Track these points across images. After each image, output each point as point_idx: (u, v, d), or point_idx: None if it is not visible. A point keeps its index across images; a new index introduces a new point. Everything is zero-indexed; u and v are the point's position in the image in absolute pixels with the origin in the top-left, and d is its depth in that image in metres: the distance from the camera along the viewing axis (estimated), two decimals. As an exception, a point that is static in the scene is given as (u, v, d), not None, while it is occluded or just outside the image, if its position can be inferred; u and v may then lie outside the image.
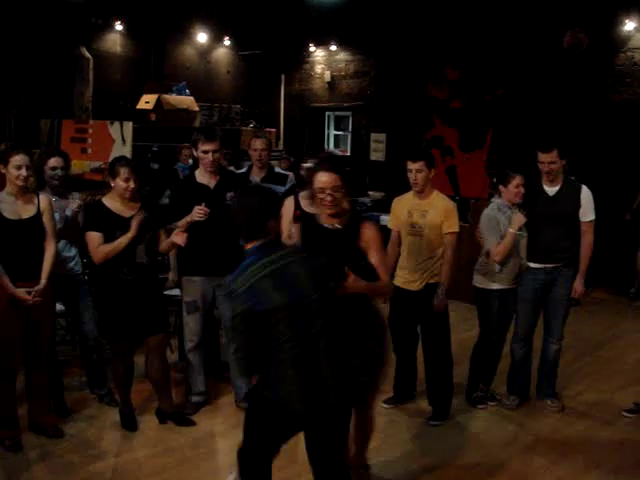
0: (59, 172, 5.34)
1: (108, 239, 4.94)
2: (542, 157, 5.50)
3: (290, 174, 6.50)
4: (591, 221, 5.58)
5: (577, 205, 5.51)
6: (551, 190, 5.58)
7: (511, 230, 5.47)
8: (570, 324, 5.89)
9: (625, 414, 5.70)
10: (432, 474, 4.72)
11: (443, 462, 4.88)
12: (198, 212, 5.17)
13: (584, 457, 5.05)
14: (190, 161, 9.63)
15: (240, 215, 3.43)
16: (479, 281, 5.69)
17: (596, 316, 8.02)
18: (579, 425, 5.58)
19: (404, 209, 5.48)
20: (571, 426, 5.55)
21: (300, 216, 5.35)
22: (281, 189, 6.03)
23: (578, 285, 5.59)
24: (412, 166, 5.36)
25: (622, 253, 8.93)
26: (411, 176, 5.37)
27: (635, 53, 9.99)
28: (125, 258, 4.97)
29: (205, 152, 5.24)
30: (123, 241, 4.93)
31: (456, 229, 5.36)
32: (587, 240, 5.57)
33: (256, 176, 6.26)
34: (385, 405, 5.72)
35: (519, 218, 5.46)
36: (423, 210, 5.38)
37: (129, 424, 5.29)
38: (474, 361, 5.86)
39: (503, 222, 5.54)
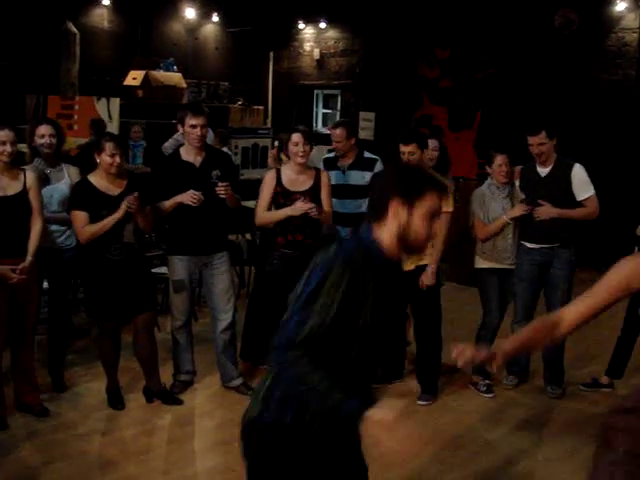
0: (48, 140, 5.24)
1: (94, 217, 4.89)
2: (531, 140, 5.47)
3: (378, 159, 6.08)
4: (589, 198, 5.47)
5: (568, 185, 5.46)
6: (543, 171, 5.56)
7: (505, 218, 5.49)
8: (558, 305, 5.89)
9: (582, 387, 5.84)
10: (419, 455, 4.70)
11: (430, 443, 4.88)
12: (192, 197, 5.13)
13: (573, 437, 5.06)
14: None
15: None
16: (478, 262, 5.73)
17: (583, 297, 8.04)
18: (569, 405, 5.60)
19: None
20: (561, 406, 5.57)
21: (281, 192, 5.33)
22: (368, 175, 5.86)
23: (550, 209, 5.46)
24: (405, 149, 5.37)
25: (610, 233, 8.94)
26: (404, 159, 5.37)
27: (626, 34, 9.96)
28: (112, 238, 4.93)
29: (193, 126, 5.18)
30: (110, 222, 4.87)
31: (450, 208, 5.35)
32: (590, 210, 5.51)
33: (344, 162, 6.03)
34: (373, 385, 5.71)
35: (519, 209, 5.46)
36: None
37: (116, 402, 5.27)
38: (479, 343, 5.86)
39: (489, 197, 5.58)
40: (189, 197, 5.13)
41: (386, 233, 2.57)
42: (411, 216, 2.54)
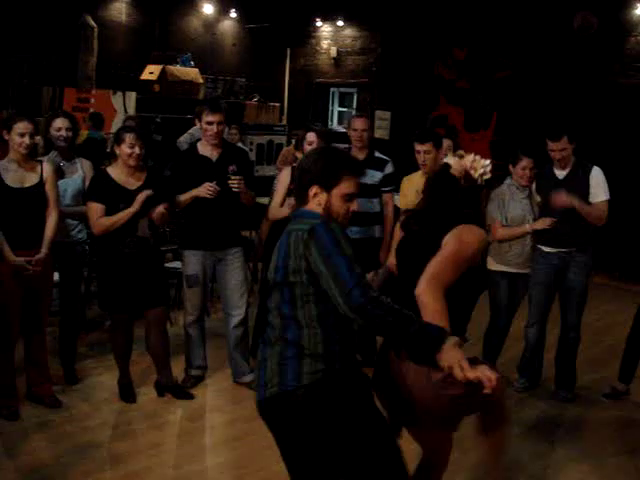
0: (64, 133, 5.26)
1: (111, 210, 4.90)
2: (552, 146, 5.42)
3: (390, 160, 5.99)
4: (602, 202, 5.40)
5: (586, 188, 5.42)
6: (561, 173, 5.52)
7: (528, 227, 5.44)
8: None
9: (603, 398, 5.74)
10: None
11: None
12: (208, 189, 5.13)
13: (584, 441, 5.06)
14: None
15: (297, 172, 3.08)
16: (491, 264, 5.69)
17: (597, 301, 8.00)
18: (580, 409, 5.58)
19: (412, 188, 5.47)
20: (571, 411, 5.55)
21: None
22: (378, 175, 5.81)
23: (565, 197, 5.31)
24: (420, 148, 5.37)
25: (625, 238, 8.91)
26: (419, 157, 5.38)
27: (645, 37, 9.91)
28: (127, 232, 4.93)
29: (209, 123, 5.19)
30: (124, 216, 4.88)
31: None
32: (598, 211, 5.39)
33: None
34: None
35: (542, 223, 5.41)
36: None
37: (127, 396, 5.28)
38: (486, 344, 5.85)
39: (508, 198, 5.56)
40: (205, 189, 5.14)
41: None
42: (330, 198, 2.89)
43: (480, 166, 3.28)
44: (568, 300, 5.62)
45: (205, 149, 5.33)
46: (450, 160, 3.35)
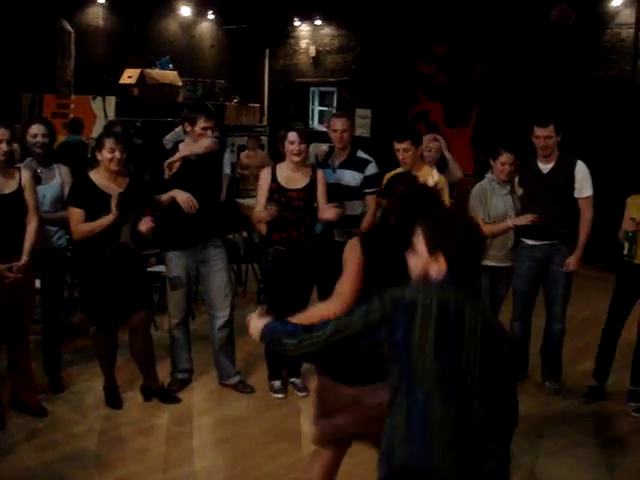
0: (40, 139, 5.20)
1: (91, 215, 4.86)
2: (538, 132, 5.46)
3: (372, 161, 5.70)
4: (588, 197, 5.50)
5: (571, 181, 5.46)
6: (545, 167, 5.55)
7: (509, 222, 5.47)
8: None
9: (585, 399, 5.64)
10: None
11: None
12: (190, 202, 5.14)
13: (572, 432, 5.07)
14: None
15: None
16: None
17: (581, 293, 8.04)
18: (565, 402, 5.61)
19: (395, 185, 5.46)
20: (557, 402, 5.57)
21: (276, 190, 5.31)
22: (358, 177, 5.61)
23: (572, 259, 5.51)
24: (399, 146, 5.38)
25: (608, 229, 8.93)
26: (399, 155, 5.37)
27: (622, 29, 9.95)
28: (109, 238, 4.90)
29: (206, 129, 5.22)
30: (103, 223, 4.85)
31: (445, 203, 5.33)
32: (585, 216, 5.51)
33: (336, 160, 5.72)
34: None
35: (525, 219, 5.46)
36: None
37: (113, 401, 5.25)
38: None
39: (490, 193, 5.59)
40: (187, 200, 5.13)
41: None
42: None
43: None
44: (553, 292, 5.64)
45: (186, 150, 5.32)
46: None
